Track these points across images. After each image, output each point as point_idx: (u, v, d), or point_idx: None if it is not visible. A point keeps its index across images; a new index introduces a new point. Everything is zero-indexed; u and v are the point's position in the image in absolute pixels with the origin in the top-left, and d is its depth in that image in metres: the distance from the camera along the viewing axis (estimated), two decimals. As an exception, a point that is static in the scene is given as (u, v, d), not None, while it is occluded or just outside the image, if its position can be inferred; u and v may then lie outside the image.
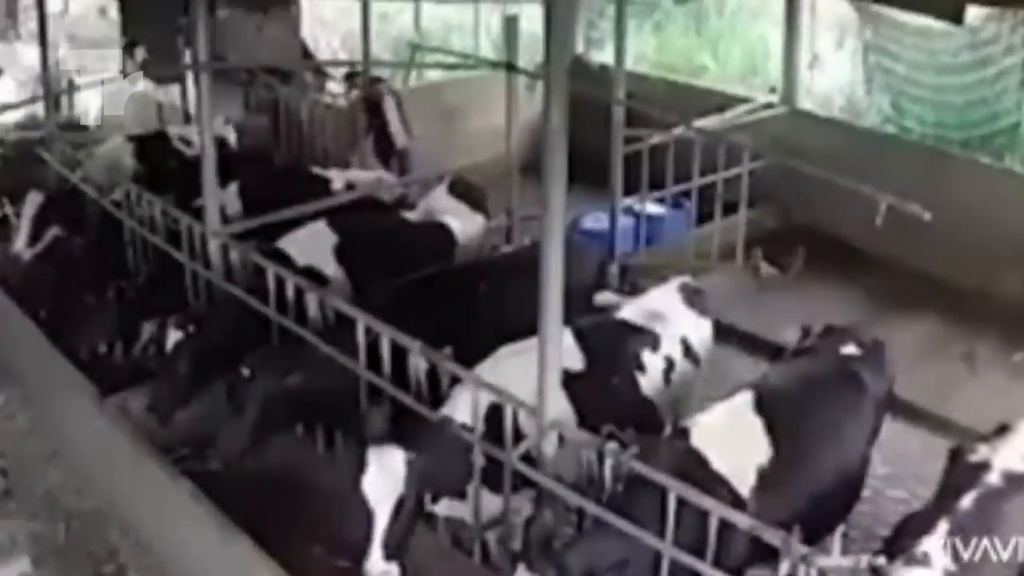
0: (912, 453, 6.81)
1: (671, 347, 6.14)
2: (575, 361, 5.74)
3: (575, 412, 5.54)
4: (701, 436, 5.10)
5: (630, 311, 6.31)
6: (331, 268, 7.36)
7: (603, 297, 7.05)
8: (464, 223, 8.07)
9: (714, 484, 4.88)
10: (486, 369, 5.68)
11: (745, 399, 5.34)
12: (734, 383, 5.79)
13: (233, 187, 8.47)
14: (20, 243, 8.28)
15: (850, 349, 5.82)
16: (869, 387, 5.65)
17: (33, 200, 8.38)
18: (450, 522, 5.63)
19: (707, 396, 6.25)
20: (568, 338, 5.68)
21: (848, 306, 8.79)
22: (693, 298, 6.53)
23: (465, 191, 8.34)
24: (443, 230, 7.96)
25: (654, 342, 6.07)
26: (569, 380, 5.41)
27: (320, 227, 7.55)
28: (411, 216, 8.25)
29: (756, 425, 5.21)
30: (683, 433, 5.17)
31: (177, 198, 8.06)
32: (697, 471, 4.91)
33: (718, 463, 5.00)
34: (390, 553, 5.02)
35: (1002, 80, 10.25)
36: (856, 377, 5.64)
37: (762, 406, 5.29)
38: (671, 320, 6.25)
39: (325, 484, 5.08)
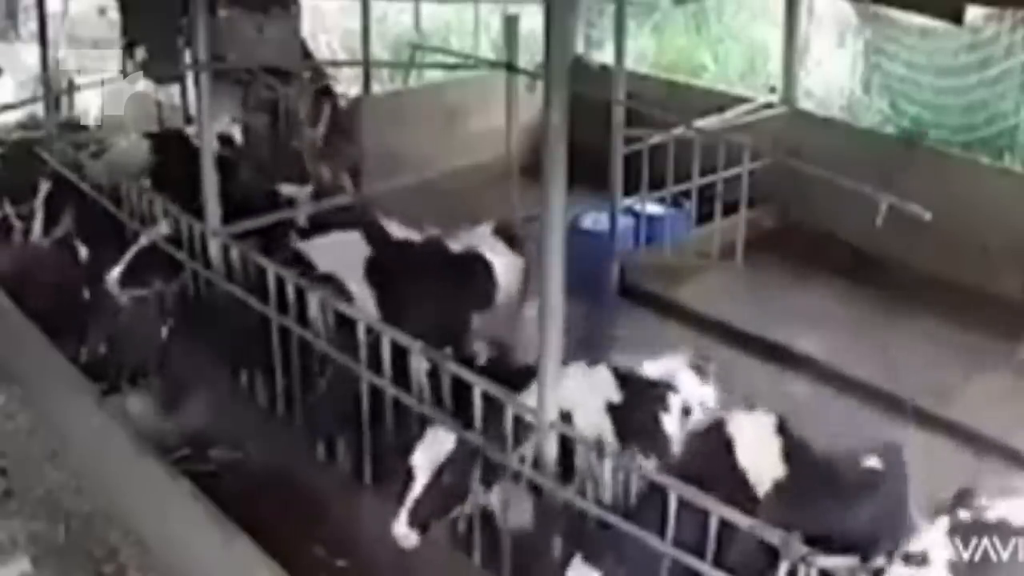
0: (912, 453, 6.80)
1: (687, 399, 6.20)
2: (615, 394, 5.88)
3: (616, 438, 5.70)
4: (735, 426, 5.22)
5: (650, 368, 6.37)
6: (357, 283, 6.96)
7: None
8: (505, 263, 7.45)
9: (736, 476, 4.98)
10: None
11: (769, 419, 5.40)
12: (733, 383, 5.80)
13: (309, 188, 8.58)
14: (36, 232, 8.31)
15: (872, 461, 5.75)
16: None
17: (43, 187, 8.39)
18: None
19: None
20: (607, 373, 5.91)
21: (848, 306, 8.81)
22: (700, 368, 6.58)
23: (508, 235, 7.67)
24: (483, 263, 7.35)
25: (675, 391, 6.16)
26: (611, 409, 5.70)
27: (354, 237, 7.25)
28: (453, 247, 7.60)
29: (775, 445, 5.27)
30: (719, 424, 5.26)
31: (192, 195, 8.05)
32: (724, 460, 5.03)
33: (744, 458, 5.10)
34: (414, 520, 5.18)
35: (1002, 82, 10.24)
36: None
37: (783, 430, 5.35)
38: (684, 380, 6.32)
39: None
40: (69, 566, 6.42)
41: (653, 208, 9.56)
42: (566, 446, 5.32)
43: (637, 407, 5.96)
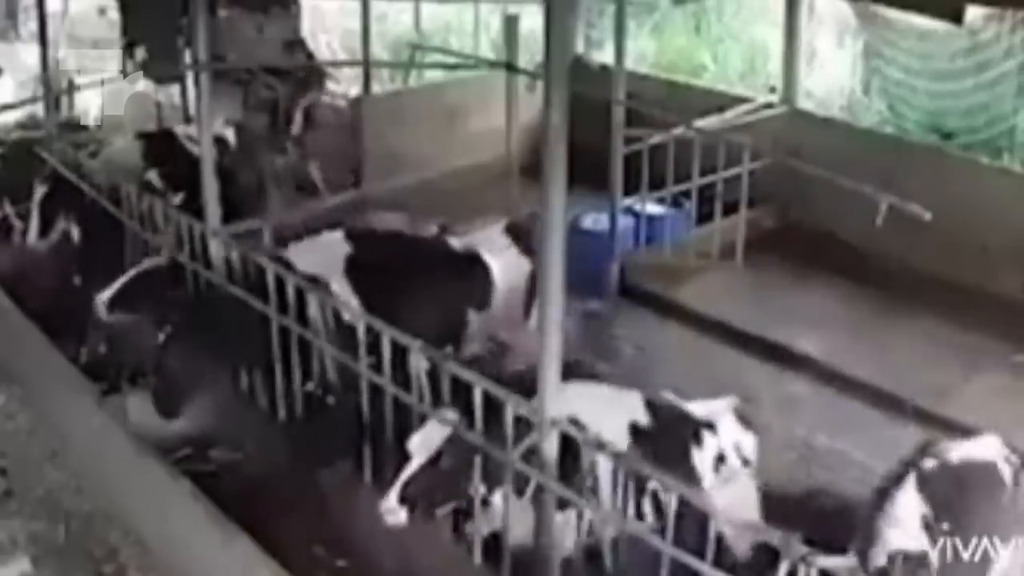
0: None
1: (724, 440, 6.13)
2: (643, 418, 5.80)
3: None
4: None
5: (692, 406, 6.33)
6: (337, 282, 6.83)
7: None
8: (507, 264, 7.17)
9: None
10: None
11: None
12: (732, 383, 5.78)
13: None
14: (32, 235, 8.31)
15: None
16: None
17: (38, 191, 8.39)
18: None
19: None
20: (637, 399, 5.83)
21: (848, 306, 8.81)
22: (742, 414, 6.55)
23: (519, 235, 7.33)
24: (478, 264, 7.08)
25: (712, 428, 6.09)
26: (635, 432, 5.60)
27: (335, 237, 7.17)
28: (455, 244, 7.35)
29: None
30: None
31: (187, 197, 8.05)
32: None
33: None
34: (404, 497, 5.17)
35: (1000, 84, 10.23)
36: None
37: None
38: (725, 424, 6.27)
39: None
40: (69, 566, 6.42)
41: (653, 208, 9.57)
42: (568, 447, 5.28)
43: (665, 434, 5.82)
